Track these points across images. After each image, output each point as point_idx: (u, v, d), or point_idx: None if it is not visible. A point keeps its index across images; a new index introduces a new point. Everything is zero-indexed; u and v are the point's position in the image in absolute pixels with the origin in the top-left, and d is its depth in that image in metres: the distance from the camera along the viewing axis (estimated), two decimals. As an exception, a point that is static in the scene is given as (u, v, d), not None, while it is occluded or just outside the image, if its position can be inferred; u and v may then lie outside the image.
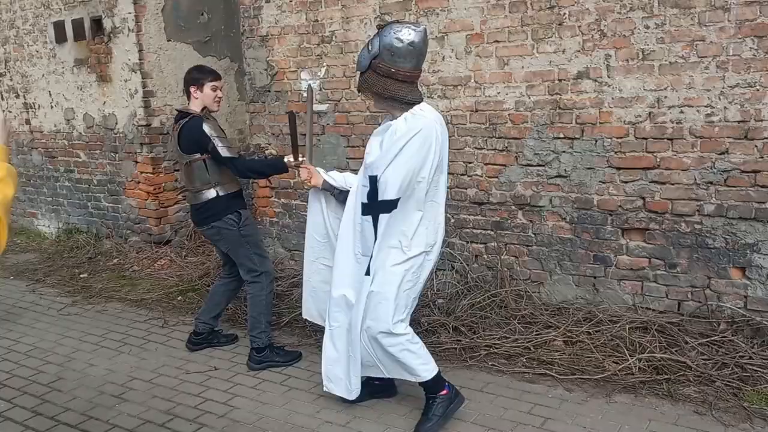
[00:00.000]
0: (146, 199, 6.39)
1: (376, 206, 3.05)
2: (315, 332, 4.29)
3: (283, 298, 4.98)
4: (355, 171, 5.18)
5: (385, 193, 2.99)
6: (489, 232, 4.63)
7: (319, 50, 5.15)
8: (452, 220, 4.79)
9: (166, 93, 6.31)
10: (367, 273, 3.12)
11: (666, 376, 3.58)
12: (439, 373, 3.21)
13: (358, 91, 3.23)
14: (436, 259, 3.26)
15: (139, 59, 6.13)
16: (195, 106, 3.97)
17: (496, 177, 4.53)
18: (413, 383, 3.28)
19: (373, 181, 3.04)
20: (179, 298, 5.31)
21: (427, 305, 4.64)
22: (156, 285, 5.65)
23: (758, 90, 3.63)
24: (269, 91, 5.51)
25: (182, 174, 4.21)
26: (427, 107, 3.08)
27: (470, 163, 4.59)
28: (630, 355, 3.74)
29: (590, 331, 4.06)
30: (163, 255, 6.26)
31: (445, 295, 4.64)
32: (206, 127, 3.83)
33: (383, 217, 3.05)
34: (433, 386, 3.21)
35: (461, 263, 4.69)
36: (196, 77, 3.96)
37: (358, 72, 3.12)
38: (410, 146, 2.94)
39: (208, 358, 4.22)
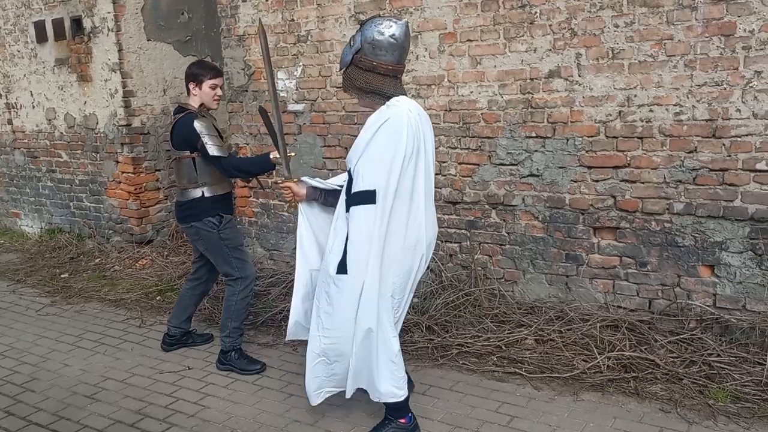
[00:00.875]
0: (127, 199, 6.40)
1: (352, 198, 2.91)
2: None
3: (260, 297, 4.99)
4: (332, 170, 5.21)
5: (360, 184, 2.88)
6: (463, 231, 4.64)
7: (295, 50, 5.15)
8: (428, 219, 4.80)
9: (146, 93, 6.31)
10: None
11: (634, 374, 3.60)
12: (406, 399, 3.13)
13: (344, 90, 3.14)
14: (422, 257, 3.07)
15: (119, 59, 6.13)
16: (194, 102, 3.92)
17: (470, 176, 4.54)
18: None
19: (350, 173, 2.98)
20: (158, 297, 5.32)
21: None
22: (136, 285, 5.66)
23: (725, 89, 3.65)
24: (246, 90, 5.51)
25: (173, 169, 4.19)
26: (404, 98, 2.96)
27: (444, 162, 4.60)
28: (599, 354, 3.77)
29: (561, 329, 4.08)
30: (144, 255, 6.27)
31: (419, 294, 4.65)
32: (197, 125, 3.77)
33: (361, 210, 2.88)
34: (396, 410, 3.13)
35: (436, 262, 4.70)
36: (195, 73, 3.89)
37: (342, 70, 3.06)
38: (379, 135, 2.87)
39: (183, 357, 4.23)
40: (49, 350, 4.45)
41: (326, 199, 3.31)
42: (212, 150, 3.76)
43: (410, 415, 3.17)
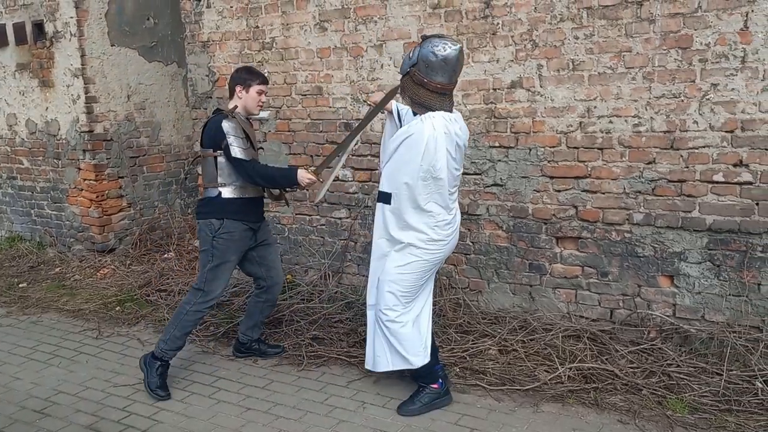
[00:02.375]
0: (89, 207, 6.27)
1: (378, 196, 3.36)
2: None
3: (222, 307, 4.91)
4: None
5: (384, 185, 3.30)
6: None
7: (260, 56, 5.11)
8: (392, 229, 4.78)
9: (109, 99, 6.20)
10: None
11: (594, 385, 3.60)
12: (433, 365, 3.46)
13: (399, 93, 3.41)
14: (439, 255, 3.39)
15: (82, 64, 6.01)
16: (232, 105, 3.86)
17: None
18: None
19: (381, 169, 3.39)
20: (117, 308, 5.21)
21: (366, 314, 4.61)
22: (95, 295, 5.53)
23: (683, 101, 3.68)
24: (211, 97, 5.45)
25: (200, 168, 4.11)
26: (439, 114, 3.21)
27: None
28: (561, 364, 3.76)
29: (524, 339, 4.07)
30: (106, 264, 6.14)
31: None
32: (226, 124, 3.71)
33: (380, 207, 3.33)
34: (425, 376, 3.48)
35: (400, 272, 4.67)
36: (244, 77, 3.83)
37: (400, 73, 3.36)
38: (402, 147, 3.21)
39: (138, 371, 4.10)
40: (1, 363, 4.32)
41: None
42: (235, 151, 3.69)
43: (440, 381, 3.51)
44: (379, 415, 3.48)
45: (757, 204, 3.60)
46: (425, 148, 3.15)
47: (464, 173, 4.41)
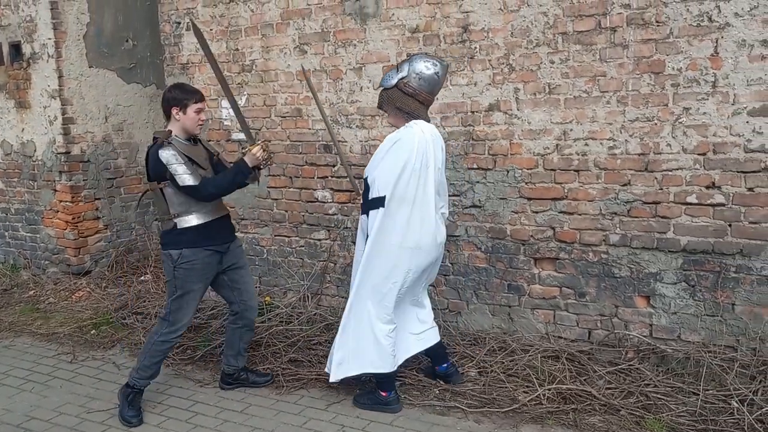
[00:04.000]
0: (65, 229, 6.19)
1: (368, 203, 3.51)
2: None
3: (200, 330, 4.86)
4: (276, 200, 5.17)
5: (375, 192, 3.45)
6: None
7: (239, 79, 5.12)
8: (372, 250, 4.79)
9: (87, 120, 6.16)
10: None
11: (573, 406, 3.61)
12: (389, 375, 3.65)
13: (378, 106, 3.65)
14: (427, 259, 3.57)
15: (59, 85, 5.97)
16: (174, 128, 3.63)
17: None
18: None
19: (366, 181, 3.53)
20: (93, 331, 5.12)
21: (345, 336, 4.59)
22: (70, 318, 5.44)
23: (656, 124, 3.76)
24: (190, 119, 5.43)
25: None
26: (421, 122, 3.50)
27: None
28: (540, 385, 3.76)
29: (504, 360, 4.08)
30: (81, 286, 6.05)
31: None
32: (163, 154, 3.50)
33: (374, 214, 3.46)
34: (380, 383, 3.68)
35: (380, 293, 4.66)
36: (178, 97, 3.60)
37: (381, 88, 3.57)
38: (391, 152, 3.43)
39: (114, 395, 4.04)
40: (-28, 389, 4.23)
41: None
42: (183, 180, 3.50)
43: (392, 391, 3.69)
44: (359, 438, 3.45)
45: (729, 225, 3.67)
46: (417, 146, 3.39)
47: (443, 195, 4.45)
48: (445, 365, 3.91)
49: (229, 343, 4.03)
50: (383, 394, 3.67)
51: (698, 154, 3.69)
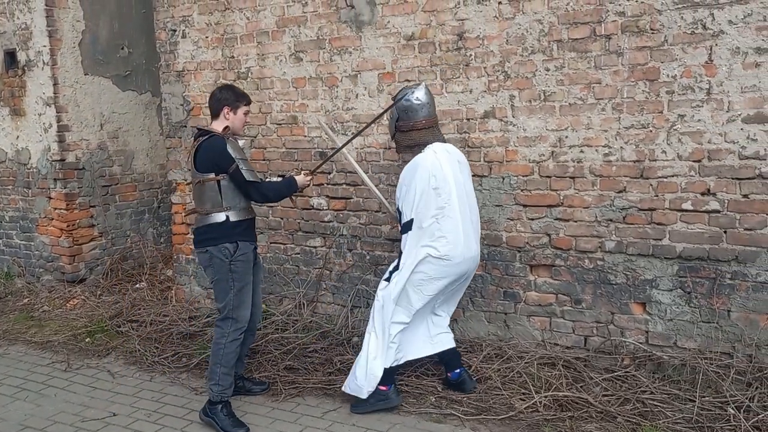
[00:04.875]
0: (59, 237, 6.17)
1: (402, 227, 3.77)
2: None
3: (195, 338, 4.84)
4: (272, 207, 5.16)
5: (405, 217, 3.71)
6: (403, 269, 4.62)
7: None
8: (367, 257, 4.78)
9: (82, 127, 6.16)
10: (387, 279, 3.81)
11: (569, 413, 3.60)
12: (387, 370, 3.71)
13: (397, 152, 4.06)
14: (456, 270, 3.71)
15: (54, 93, 5.98)
16: (218, 126, 3.76)
17: (409, 214, 4.54)
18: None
19: (399, 209, 3.80)
20: (87, 340, 5.10)
21: (341, 344, 4.59)
22: (64, 326, 5.42)
23: (651, 131, 3.77)
24: (185, 126, 5.43)
25: (193, 194, 3.95)
26: (434, 144, 3.73)
27: (385, 199, 4.59)
28: (536, 392, 3.76)
29: (500, 367, 4.07)
30: (76, 294, 6.03)
31: (360, 333, 4.59)
32: (230, 148, 3.66)
33: (406, 236, 3.73)
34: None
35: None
36: (231, 99, 3.78)
37: (392, 139, 3.96)
38: (412, 179, 3.65)
39: (109, 404, 4.04)
40: (-35, 398, 4.20)
41: None
42: (248, 175, 3.66)
43: (391, 385, 3.78)
44: (355, 446, 3.44)
45: (725, 232, 3.67)
46: (432, 166, 3.62)
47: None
48: (458, 371, 3.93)
49: None
50: (383, 388, 3.72)
51: (693, 161, 3.70)
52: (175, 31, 5.37)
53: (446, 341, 3.96)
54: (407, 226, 3.70)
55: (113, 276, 6.27)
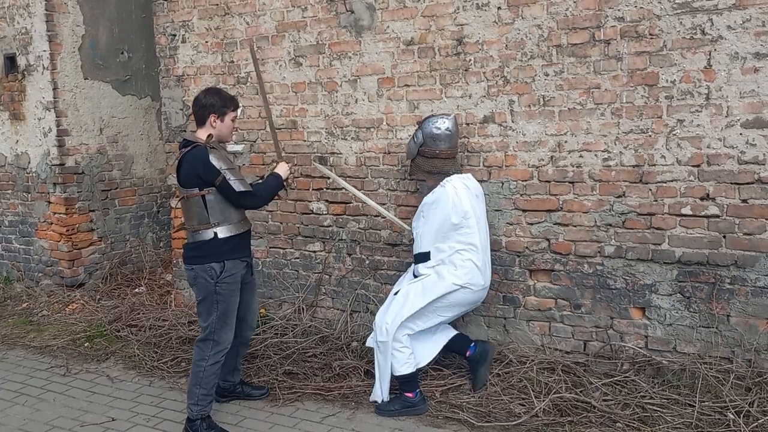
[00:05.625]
0: (59, 241, 6.17)
1: (416, 256, 3.94)
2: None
3: (190, 343, 4.82)
4: (271, 212, 5.16)
5: (420, 246, 3.89)
6: (403, 273, 4.61)
7: (234, 91, 5.12)
8: (367, 262, 4.78)
9: (82, 132, 6.16)
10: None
11: (569, 418, 3.60)
12: (410, 376, 3.80)
13: (410, 175, 4.22)
14: (474, 298, 3.89)
15: (54, 97, 5.99)
16: (202, 135, 3.53)
17: (409, 218, 4.53)
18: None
19: (413, 232, 3.98)
20: (86, 344, 5.10)
21: (340, 348, 4.58)
22: (64, 330, 5.41)
23: (650, 136, 3.78)
24: (185, 131, 5.43)
25: (182, 209, 3.72)
26: (456, 177, 3.89)
27: (383, 204, 4.59)
28: (536, 397, 3.75)
29: (500, 372, 4.07)
30: (75, 299, 6.02)
31: (359, 338, 4.58)
32: (213, 159, 3.40)
33: (421, 266, 3.88)
34: (404, 384, 3.80)
35: (376, 305, 4.65)
36: (217, 105, 3.52)
37: (408, 160, 4.07)
38: (431, 212, 3.83)
39: (108, 408, 4.04)
40: (-36, 402, 4.19)
41: None
42: (237, 186, 3.45)
43: (417, 390, 3.83)
44: (354, 451, 3.43)
45: (724, 237, 3.68)
46: (452, 205, 3.74)
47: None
48: (472, 344, 4.02)
49: (225, 359, 3.90)
50: (409, 395, 3.80)
51: (692, 166, 3.70)
52: (174, 35, 5.38)
53: (447, 331, 4.07)
54: (424, 257, 3.87)
55: (112, 280, 6.27)
